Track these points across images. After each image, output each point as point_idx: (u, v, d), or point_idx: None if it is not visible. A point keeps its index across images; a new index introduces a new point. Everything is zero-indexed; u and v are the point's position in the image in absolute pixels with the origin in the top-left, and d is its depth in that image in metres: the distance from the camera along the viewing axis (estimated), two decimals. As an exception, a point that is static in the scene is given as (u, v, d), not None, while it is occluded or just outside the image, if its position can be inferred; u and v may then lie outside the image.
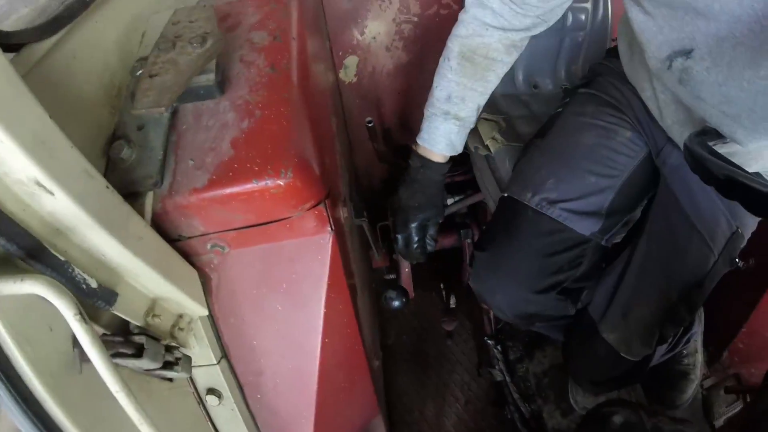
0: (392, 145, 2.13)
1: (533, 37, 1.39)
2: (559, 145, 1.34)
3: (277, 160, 0.83)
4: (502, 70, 1.30)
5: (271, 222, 0.90)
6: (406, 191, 1.35)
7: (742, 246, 1.23)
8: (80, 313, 0.62)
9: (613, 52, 1.41)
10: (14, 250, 0.60)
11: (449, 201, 1.88)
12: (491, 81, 1.30)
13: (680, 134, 1.16)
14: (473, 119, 1.32)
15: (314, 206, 0.90)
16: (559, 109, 1.43)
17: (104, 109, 0.94)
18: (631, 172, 1.28)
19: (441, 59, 1.32)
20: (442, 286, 2.28)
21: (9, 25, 0.90)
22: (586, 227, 1.25)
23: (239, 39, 1.05)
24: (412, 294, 1.90)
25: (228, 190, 0.82)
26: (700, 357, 1.58)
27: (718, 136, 1.03)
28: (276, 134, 0.86)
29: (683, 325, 1.32)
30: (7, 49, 0.74)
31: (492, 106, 1.73)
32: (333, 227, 0.96)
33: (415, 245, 1.36)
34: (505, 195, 1.34)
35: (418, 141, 1.34)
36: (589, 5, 1.77)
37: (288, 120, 0.88)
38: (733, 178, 0.85)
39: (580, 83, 1.49)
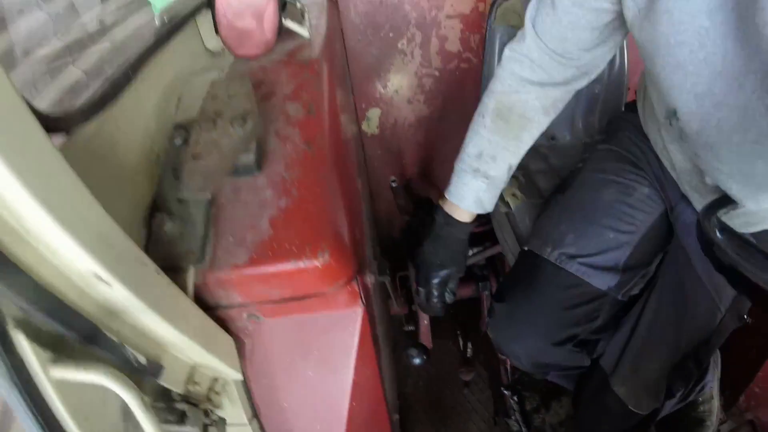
0: (413, 196, 2.16)
1: None
2: (579, 201, 1.36)
3: (315, 242, 0.86)
4: (538, 131, 1.28)
5: (306, 297, 0.92)
6: (429, 246, 1.35)
7: (750, 303, 1.24)
8: (143, 402, 0.66)
9: (631, 106, 1.42)
10: (73, 336, 0.63)
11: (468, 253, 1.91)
12: (525, 141, 1.28)
13: (690, 183, 1.18)
14: (504, 179, 1.29)
15: (347, 283, 0.93)
16: (580, 165, 1.45)
17: (144, 176, 0.96)
18: (647, 229, 1.30)
19: (476, 115, 1.29)
20: (459, 334, 2.29)
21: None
22: (603, 282, 1.27)
23: (274, 110, 1.08)
24: (430, 344, 1.92)
25: (267, 269, 0.85)
26: (716, 403, 1.57)
27: (730, 200, 1.04)
28: (313, 215, 0.89)
29: (691, 380, 1.35)
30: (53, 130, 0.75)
31: (511, 159, 1.77)
32: (364, 302, 0.98)
33: (435, 299, 1.36)
34: (525, 248, 1.37)
35: (446, 195, 1.32)
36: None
37: (324, 200, 0.92)
38: (737, 270, 0.86)
39: (600, 138, 1.52)
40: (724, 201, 1.03)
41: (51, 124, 0.64)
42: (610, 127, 1.54)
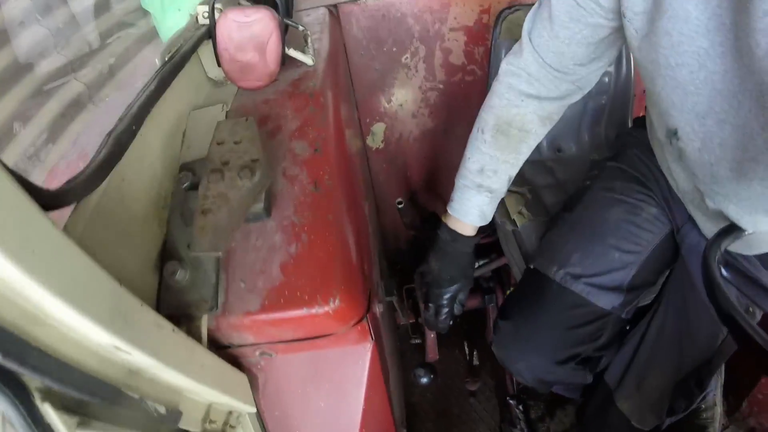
0: (419, 210, 2.18)
1: None
2: (585, 220, 1.38)
3: (325, 288, 0.88)
4: (535, 142, 1.31)
5: (317, 337, 0.95)
6: (438, 263, 1.38)
7: (755, 323, 1.25)
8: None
9: (640, 121, 1.44)
10: (96, 401, 0.66)
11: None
12: (523, 153, 1.31)
13: (693, 202, 1.19)
14: (504, 189, 1.34)
15: (357, 322, 0.96)
16: (588, 182, 1.47)
17: (153, 222, 0.98)
18: (653, 249, 1.31)
19: (474, 130, 1.32)
20: (465, 344, 2.32)
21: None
22: (607, 302, 1.29)
23: (281, 147, 1.10)
24: (437, 356, 1.96)
25: (279, 315, 0.88)
26: (719, 409, 1.59)
27: (734, 229, 1.05)
28: (322, 261, 0.91)
29: (693, 399, 1.37)
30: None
31: (517, 175, 1.77)
32: (373, 337, 1.01)
33: (444, 315, 1.40)
34: (531, 267, 1.39)
35: (450, 211, 1.35)
36: (612, 68, 1.81)
37: (333, 244, 0.93)
38: (733, 318, 0.88)
39: (608, 155, 1.53)
40: (729, 230, 1.05)
41: (58, 199, 0.65)
42: (618, 143, 1.55)
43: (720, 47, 0.85)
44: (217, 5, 1.28)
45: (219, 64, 1.30)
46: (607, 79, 1.82)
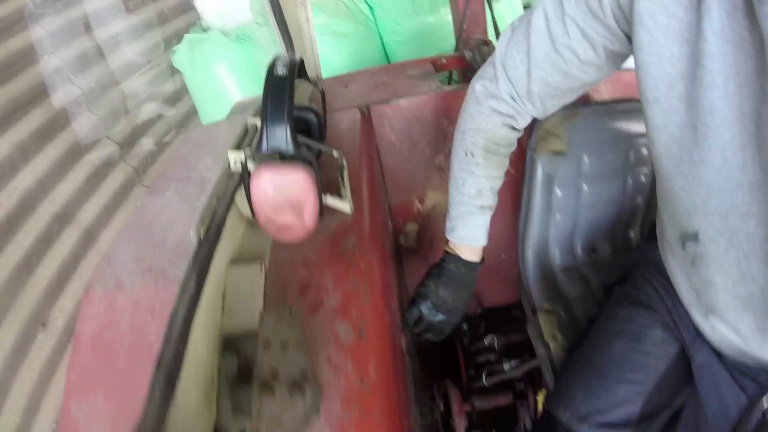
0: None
1: (592, 208, 1.59)
2: (590, 356, 1.47)
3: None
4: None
5: None
6: (453, 294, 1.51)
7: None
8: None
9: (651, 230, 1.49)
10: None
11: (506, 367, 2.06)
12: (507, 164, 1.45)
13: (697, 313, 1.25)
14: (497, 199, 1.48)
15: None
16: (596, 310, 1.57)
17: (204, 409, 1.03)
18: (661, 374, 1.37)
19: (460, 153, 1.43)
20: (495, 433, 2.42)
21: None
22: None
23: (324, 327, 1.17)
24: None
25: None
26: None
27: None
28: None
29: None
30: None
31: (552, 288, 1.88)
32: None
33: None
34: (546, 408, 1.49)
35: (456, 241, 1.48)
36: (648, 168, 1.90)
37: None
38: None
39: (617, 278, 1.64)
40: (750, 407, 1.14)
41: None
42: (627, 262, 1.65)
43: (739, 138, 0.85)
44: (250, 164, 1.29)
45: (253, 216, 1.30)
46: (644, 179, 1.91)
